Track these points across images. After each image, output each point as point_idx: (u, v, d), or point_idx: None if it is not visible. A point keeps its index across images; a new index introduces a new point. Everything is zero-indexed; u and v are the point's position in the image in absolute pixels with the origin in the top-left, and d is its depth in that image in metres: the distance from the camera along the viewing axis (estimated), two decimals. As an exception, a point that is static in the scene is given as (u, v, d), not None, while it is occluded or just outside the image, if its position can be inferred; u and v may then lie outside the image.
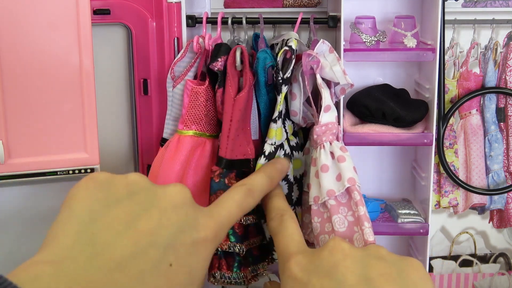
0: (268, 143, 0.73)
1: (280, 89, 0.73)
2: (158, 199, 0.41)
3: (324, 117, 0.73)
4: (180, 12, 0.82)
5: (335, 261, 0.42)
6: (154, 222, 0.39)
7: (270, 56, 0.75)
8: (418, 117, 0.84)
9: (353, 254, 0.42)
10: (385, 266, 0.41)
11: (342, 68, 0.75)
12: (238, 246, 0.72)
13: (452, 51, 0.93)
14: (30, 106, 0.67)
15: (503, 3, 0.93)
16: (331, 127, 0.74)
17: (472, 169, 0.94)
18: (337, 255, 0.42)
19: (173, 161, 0.73)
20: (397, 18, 0.87)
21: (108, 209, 0.39)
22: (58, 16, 0.67)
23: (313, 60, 0.74)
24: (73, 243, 0.37)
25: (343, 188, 0.68)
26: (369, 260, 0.42)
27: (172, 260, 0.38)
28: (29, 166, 0.69)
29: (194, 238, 0.41)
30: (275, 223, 0.56)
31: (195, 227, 0.41)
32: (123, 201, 0.40)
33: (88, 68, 0.69)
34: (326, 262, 0.42)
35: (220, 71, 0.74)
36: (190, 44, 0.78)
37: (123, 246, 0.37)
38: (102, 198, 0.40)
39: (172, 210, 0.41)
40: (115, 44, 0.88)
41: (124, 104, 0.90)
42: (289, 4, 0.93)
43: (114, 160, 0.91)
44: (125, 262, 0.36)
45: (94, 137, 0.71)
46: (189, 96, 0.75)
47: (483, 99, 0.94)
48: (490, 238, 1.04)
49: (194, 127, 0.75)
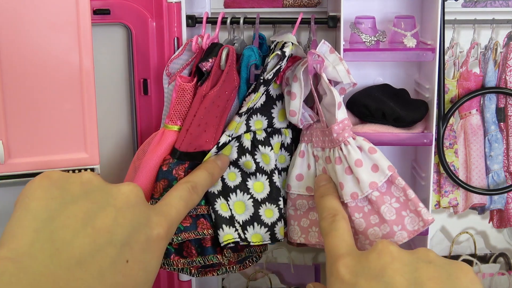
0: (226, 134, 0.75)
1: (257, 88, 0.74)
2: (113, 198, 0.42)
3: (339, 114, 0.74)
4: (180, 12, 0.82)
5: (383, 264, 0.42)
6: (110, 220, 0.40)
7: (256, 54, 0.76)
8: (418, 117, 0.84)
9: (402, 257, 0.42)
10: (434, 270, 0.41)
11: (345, 67, 0.75)
12: (175, 237, 0.73)
13: (452, 51, 0.93)
14: (30, 106, 0.67)
15: (503, 3, 0.93)
16: (347, 123, 0.74)
17: (472, 169, 0.94)
18: (385, 258, 0.42)
19: (154, 154, 0.74)
20: (397, 18, 0.87)
21: (64, 207, 0.40)
22: (58, 16, 0.67)
23: (317, 60, 0.74)
24: (33, 241, 0.37)
25: (385, 177, 0.70)
26: (417, 263, 0.42)
27: (128, 257, 0.39)
28: (29, 166, 0.69)
29: (148, 235, 0.42)
30: (326, 223, 0.57)
31: (148, 225, 0.43)
32: (79, 200, 0.41)
33: (88, 68, 0.69)
34: (374, 265, 0.42)
35: (207, 72, 0.75)
36: (189, 43, 0.79)
37: (82, 243, 0.38)
38: (58, 196, 0.41)
39: (127, 208, 0.42)
40: (115, 44, 0.88)
41: (124, 104, 0.90)
42: (289, 4, 0.93)
43: (114, 160, 0.91)
44: (84, 259, 0.37)
45: (94, 137, 0.71)
46: (176, 92, 0.76)
47: (483, 99, 0.94)
48: (490, 238, 1.04)
49: (180, 122, 0.75)
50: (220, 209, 0.76)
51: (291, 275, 1.06)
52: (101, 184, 0.44)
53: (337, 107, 0.74)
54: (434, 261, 0.42)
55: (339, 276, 0.43)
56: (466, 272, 0.41)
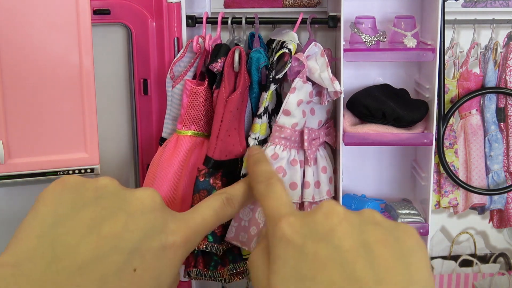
0: (252, 137, 0.75)
1: (268, 86, 0.74)
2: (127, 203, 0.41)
3: (281, 119, 0.76)
4: (180, 12, 0.82)
5: (330, 225, 0.41)
6: (119, 226, 0.39)
7: (264, 56, 0.76)
8: (418, 117, 0.84)
9: (349, 218, 0.42)
10: (381, 232, 0.41)
11: (330, 75, 0.75)
12: (216, 247, 0.73)
13: (452, 51, 0.93)
14: (30, 106, 0.67)
15: (503, 3, 0.93)
16: (278, 129, 0.76)
17: (472, 169, 0.94)
18: (333, 219, 0.41)
19: (171, 161, 0.74)
20: (397, 18, 0.87)
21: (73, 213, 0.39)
22: (58, 16, 0.67)
23: (300, 65, 0.75)
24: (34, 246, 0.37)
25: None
26: (365, 225, 0.41)
27: (137, 265, 0.39)
28: (29, 166, 0.69)
29: (162, 242, 0.41)
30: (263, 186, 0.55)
31: (164, 231, 0.41)
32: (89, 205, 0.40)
33: (88, 68, 0.69)
34: (321, 226, 0.41)
35: (219, 72, 0.75)
36: (190, 44, 0.78)
37: (85, 250, 0.37)
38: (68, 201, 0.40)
39: (140, 214, 0.41)
40: (115, 44, 0.88)
41: (124, 104, 0.90)
42: (289, 4, 0.93)
43: (114, 160, 0.91)
44: (86, 266, 0.36)
45: (94, 137, 0.70)
46: (188, 96, 0.75)
47: (483, 99, 0.94)
48: (490, 238, 1.04)
49: (193, 127, 0.75)
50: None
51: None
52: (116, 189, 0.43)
53: (282, 112, 0.76)
54: (380, 223, 0.42)
55: (284, 236, 0.42)
56: (411, 234, 0.41)
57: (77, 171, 0.71)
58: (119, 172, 0.90)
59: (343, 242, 0.40)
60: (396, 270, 0.38)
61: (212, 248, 0.73)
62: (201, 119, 0.76)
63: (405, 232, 0.41)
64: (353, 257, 0.39)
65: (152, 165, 0.77)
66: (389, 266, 0.38)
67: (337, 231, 0.40)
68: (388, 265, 0.38)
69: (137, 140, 0.90)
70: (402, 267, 0.39)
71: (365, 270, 0.38)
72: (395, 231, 0.41)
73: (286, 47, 0.75)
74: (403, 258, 0.39)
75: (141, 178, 0.91)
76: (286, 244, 0.42)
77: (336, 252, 0.39)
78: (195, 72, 0.79)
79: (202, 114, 0.75)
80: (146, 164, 0.89)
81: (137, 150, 0.90)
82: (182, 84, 0.78)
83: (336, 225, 0.41)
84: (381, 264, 0.38)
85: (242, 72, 0.74)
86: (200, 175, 0.73)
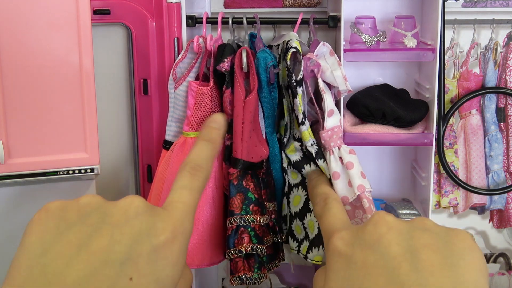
0: (309, 145, 0.75)
1: (295, 91, 0.74)
2: (110, 216, 0.41)
3: (328, 121, 0.74)
4: (180, 12, 0.82)
5: (379, 234, 0.41)
6: (106, 239, 0.39)
7: (271, 55, 0.75)
8: (418, 117, 0.84)
9: (398, 226, 0.42)
10: (430, 237, 0.41)
11: (343, 73, 0.75)
12: (260, 248, 0.73)
13: (452, 51, 0.93)
14: (30, 106, 0.67)
15: (503, 3, 0.92)
16: (336, 131, 0.75)
17: (472, 169, 0.94)
18: (382, 228, 0.42)
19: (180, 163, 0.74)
20: (397, 18, 0.87)
21: (59, 237, 0.39)
22: (58, 16, 0.67)
23: (313, 64, 0.74)
24: (25, 278, 0.37)
25: (355, 195, 0.72)
26: (414, 231, 0.41)
27: (132, 274, 0.38)
28: (29, 166, 0.69)
29: (154, 245, 0.40)
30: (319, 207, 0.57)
31: (153, 233, 0.41)
32: (74, 226, 0.40)
33: (88, 68, 0.69)
34: (370, 235, 0.42)
35: (227, 72, 0.75)
36: (191, 45, 0.78)
37: (76, 269, 0.37)
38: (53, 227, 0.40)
39: (125, 223, 0.40)
40: (115, 44, 0.88)
41: (124, 104, 0.90)
42: (289, 4, 0.93)
43: (114, 160, 0.91)
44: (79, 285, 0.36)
45: (94, 137, 0.70)
46: (194, 98, 0.75)
47: (483, 99, 0.94)
48: (490, 238, 1.04)
49: (200, 128, 0.75)
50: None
51: (291, 275, 1.05)
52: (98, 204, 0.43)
53: (327, 114, 0.75)
54: (430, 228, 0.42)
55: (336, 249, 0.43)
56: (463, 238, 0.41)
57: (77, 171, 0.71)
58: (119, 172, 0.90)
59: (390, 248, 0.40)
60: (441, 272, 0.38)
61: (257, 249, 0.73)
62: None
63: (456, 236, 0.41)
64: (398, 262, 0.39)
65: (160, 168, 0.77)
66: (435, 269, 0.38)
67: (385, 238, 0.41)
68: (434, 268, 0.38)
69: (137, 140, 0.89)
70: (449, 270, 0.38)
71: (409, 274, 0.38)
72: (446, 235, 0.41)
73: (291, 47, 0.74)
74: (451, 261, 0.39)
75: (141, 178, 0.91)
76: (337, 257, 0.42)
77: (382, 258, 0.40)
78: (198, 73, 0.79)
79: (208, 115, 0.76)
80: (146, 164, 0.89)
81: (137, 150, 0.90)
82: (185, 85, 0.78)
83: (385, 233, 0.41)
84: (426, 267, 0.38)
85: (252, 73, 0.74)
86: (234, 178, 0.73)
